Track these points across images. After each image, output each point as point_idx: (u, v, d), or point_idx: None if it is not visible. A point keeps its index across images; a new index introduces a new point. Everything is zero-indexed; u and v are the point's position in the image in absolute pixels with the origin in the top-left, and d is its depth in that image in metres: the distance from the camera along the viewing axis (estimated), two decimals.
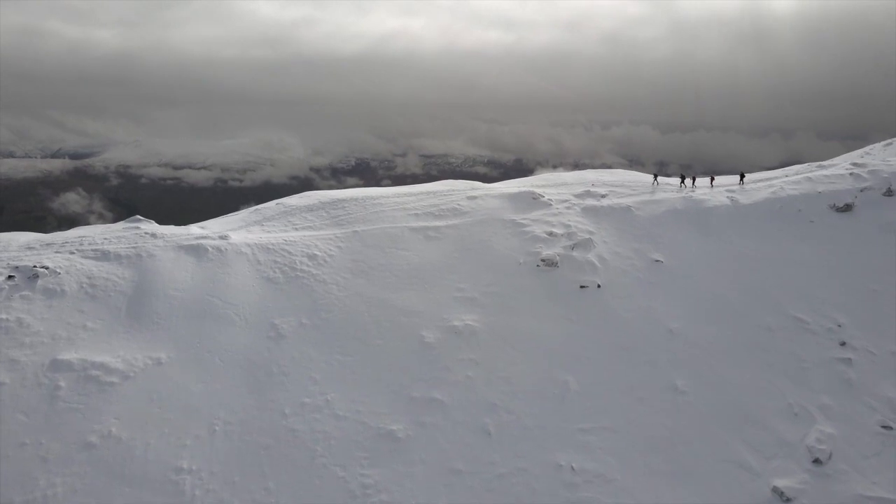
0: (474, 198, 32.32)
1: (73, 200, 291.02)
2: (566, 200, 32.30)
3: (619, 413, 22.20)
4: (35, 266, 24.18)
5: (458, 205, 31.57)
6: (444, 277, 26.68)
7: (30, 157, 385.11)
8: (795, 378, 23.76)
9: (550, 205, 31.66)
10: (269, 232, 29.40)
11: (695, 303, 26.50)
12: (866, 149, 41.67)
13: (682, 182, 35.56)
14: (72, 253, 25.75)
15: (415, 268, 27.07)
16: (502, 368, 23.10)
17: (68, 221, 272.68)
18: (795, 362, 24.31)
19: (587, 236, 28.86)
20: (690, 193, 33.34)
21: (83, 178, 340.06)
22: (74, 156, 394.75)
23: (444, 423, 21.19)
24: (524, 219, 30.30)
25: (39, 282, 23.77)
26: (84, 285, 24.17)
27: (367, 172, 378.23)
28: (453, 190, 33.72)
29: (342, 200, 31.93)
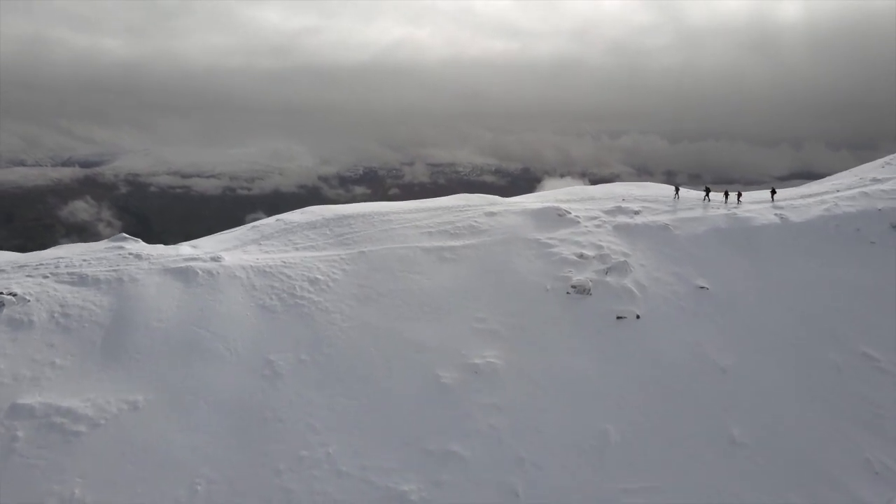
0: (493, 214, 29.32)
1: (81, 209, 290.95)
2: (595, 217, 29.22)
3: (667, 469, 18.99)
4: (1, 293, 21.43)
5: (476, 222, 28.57)
6: (462, 305, 23.64)
7: (40, 165, 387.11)
8: (871, 427, 20.46)
9: (578, 222, 28.58)
10: (266, 252, 26.54)
11: (747, 336, 23.28)
12: (886, 158, 38.41)
13: (707, 196, 32.38)
14: (45, 277, 22.98)
15: (428, 294, 24.06)
16: (530, 415, 19.97)
17: (77, 229, 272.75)
18: (869, 408, 21.02)
19: (622, 259, 25.74)
20: (734, 210, 30.14)
21: (93, 187, 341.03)
22: (84, 164, 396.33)
23: (464, 482, 18.07)
24: (550, 238, 27.24)
25: (5, 311, 20.98)
26: (56, 315, 21.35)
27: (374, 181, 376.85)
28: (469, 205, 30.75)
29: (347, 217, 29.04)
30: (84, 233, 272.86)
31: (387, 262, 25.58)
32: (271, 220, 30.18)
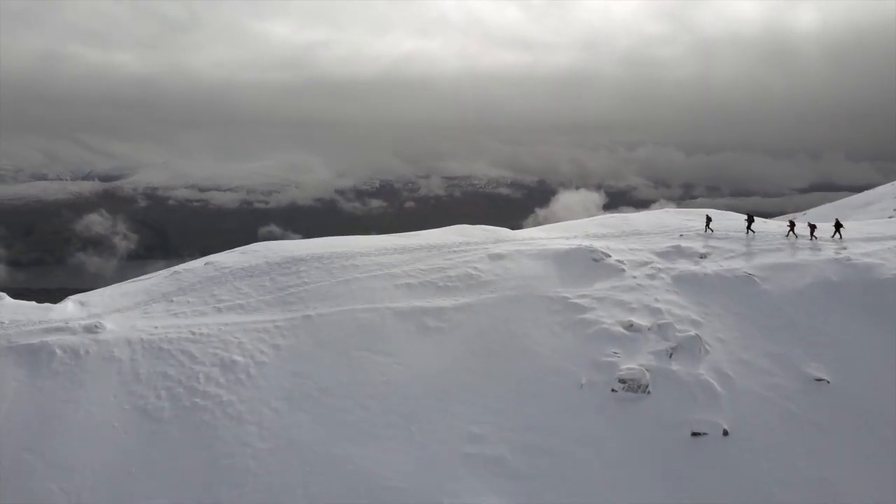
0: (500, 257, 21.02)
1: (96, 222, 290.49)
2: (646, 262, 20.71)
3: None
4: None
5: (476, 269, 20.29)
6: (449, 411, 15.31)
7: (61, 179, 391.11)
8: None
9: (622, 270, 20.12)
10: (176, 314, 18.61)
11: None
12: None
13: (749, 227, 23.75)
14: None
15: (398, 391, 15.80)
16: None
17: (93, 243, 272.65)
18: None
19: (691, 331, 17.18)
20: (844, 252, 21.29)
21: (111, 200, 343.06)
22: (104, 178, 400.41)
23: None
24: (582, 296, 18.80)
25: None
26: None
27: (391, 194, 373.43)
28: (468, 242, 22.50)
29: (299, 260, 21.03)
30: (100, 246, 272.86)
31: (341, 334, 17.42)
32: (199, 263, 22.36)
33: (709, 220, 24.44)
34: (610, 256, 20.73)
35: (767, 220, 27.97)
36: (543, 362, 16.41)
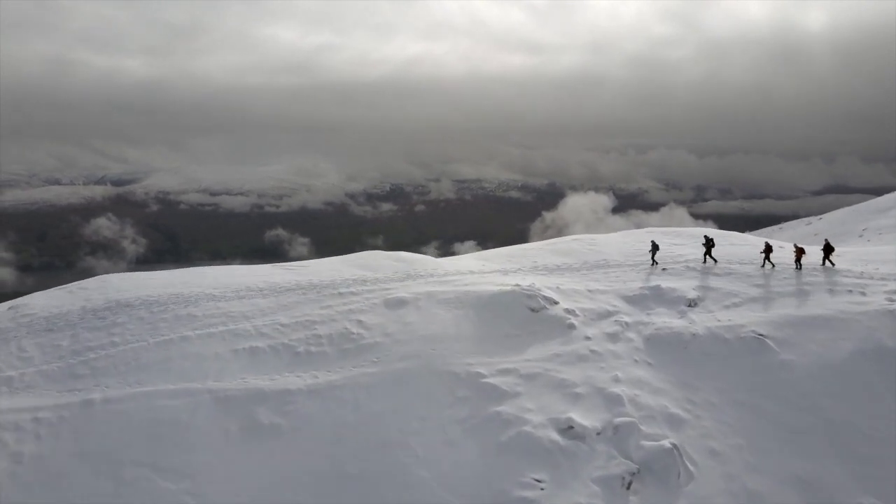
0: (400, 303, 14.76)
1: (104, 226, 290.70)
2: (609, 313, 14.26)
3: None
4: None
5: (360, 322, 14.04)
6: None
7: (74, 184, 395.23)
8: None
9: (572, 326, 13.73)
10: None
11: None
12: None
13: (709, 252, 17.25)
14: None
15: None
16: None
17: (102, 247, 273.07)
18: None
19: (665, 439, 10.76)
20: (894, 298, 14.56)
21: (124, 204, 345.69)
22: (117, 182, 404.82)
23: None
24: (504, 371, 12.43)
25: None
26: None
27: (401, 197, 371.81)
28: (365, 280, 16.25)
29: (122, 306, 15.03)
30: (109, 250, 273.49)
31: (121, 437, 11.34)
32: (4, 306, 16.54)
33: (654, 247, 17.57)
34: (557, 304, 14.32)
35: (775, 237, 21.39)
36: (422, 498, 10.11)
